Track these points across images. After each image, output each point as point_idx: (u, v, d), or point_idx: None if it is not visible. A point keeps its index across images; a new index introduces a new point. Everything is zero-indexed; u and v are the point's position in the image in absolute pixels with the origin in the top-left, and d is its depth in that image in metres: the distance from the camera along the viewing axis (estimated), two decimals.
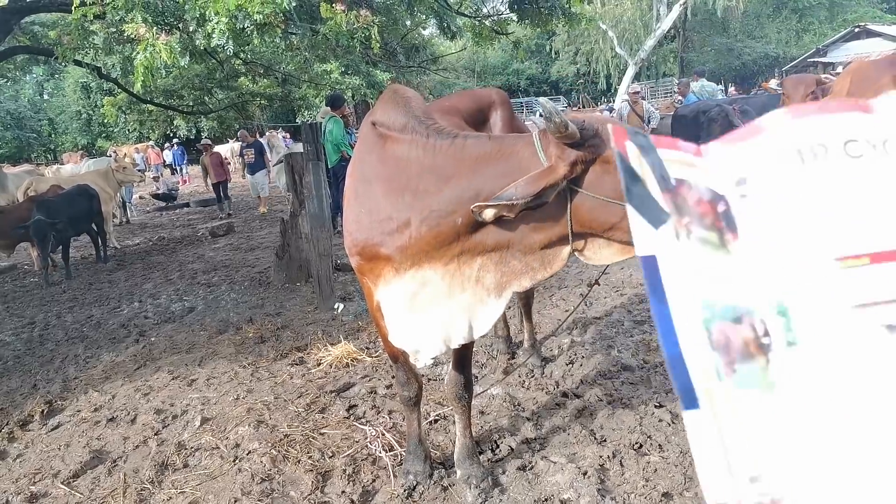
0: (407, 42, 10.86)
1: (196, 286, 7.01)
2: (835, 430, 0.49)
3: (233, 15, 4.16)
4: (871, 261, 0.50)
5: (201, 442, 3.31)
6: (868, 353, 0.48)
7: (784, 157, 0.54)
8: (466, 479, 2.69)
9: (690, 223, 0.57)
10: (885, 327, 0.49)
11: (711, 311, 0.54)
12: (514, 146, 2.01)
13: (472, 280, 2.15)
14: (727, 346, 0.53)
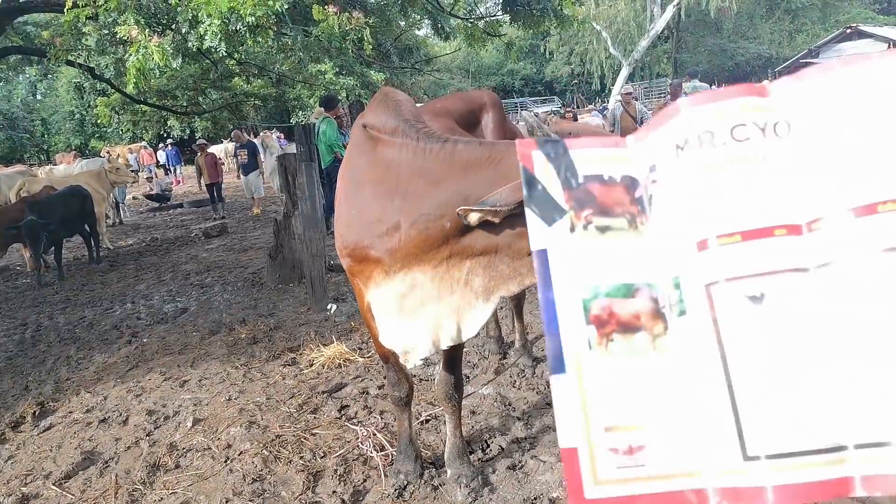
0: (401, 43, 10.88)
1: (189, 287, 7.02)
2: (706, 386, 0.55)
3: (225, 17, 4.17)
4: (743, 238, 0.56)
5: (193, 443, 3.32)
6: (734, 323, 0.54)
7: (679, 144, 0.59)
8: (457, 479, 2.71)
9: (592, 214, 0.64)
10: (749, 298, 0.54)
11: (595, 291, 0.61)
12: (504, 153, 2.02)
13: (461, 283, 2.17)
14: (606, 320, 0.61)
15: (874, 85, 0.54)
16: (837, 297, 0.52)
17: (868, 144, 0.52)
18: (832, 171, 0.54)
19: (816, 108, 0.56)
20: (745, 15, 34.62)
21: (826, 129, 0.55)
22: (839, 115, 0.54)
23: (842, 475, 0.50)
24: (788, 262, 0.53)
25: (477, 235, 2.07)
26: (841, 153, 0.53)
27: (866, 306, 0.51)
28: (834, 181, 0.53)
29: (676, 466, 0.56)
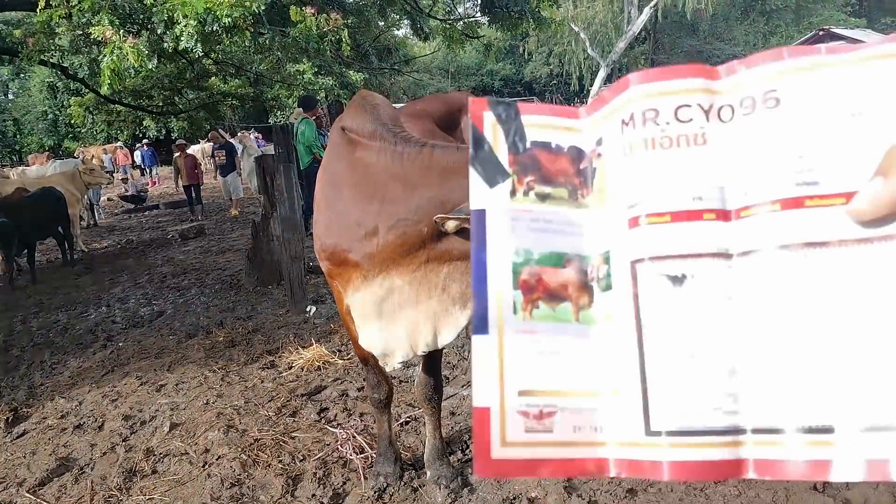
0: (379, 43, 10.86)
1: (165, 290, 6.94)
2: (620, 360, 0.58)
3: (201, 18, 4.13)
4: (672, 219, 0.58)
5: (170, 448, 3.29)
6: (653, 301, 0.57)
7: (626, 119, 0.61)
8: (436, 480, 2.72)
9: (534, 181, 0.66)
10: (670, 278, 0.56)
11: (526, 257, 0.63)
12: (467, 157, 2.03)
13: (439, 289, 2.18)
14: (533, 287, 0.62)
15: (819, 77, 0.55)
16: (753, 285, 0.55)
17: (806, 138, 0.54)
18: (768, 161, 0.56)
19: (761, 96, 0.58)
20: (720, 17, 35.10)
21: (767, 118, 0.57)
22: (781, 106, 0.56)
23: (736, 457, 0.53)
24: (713, 247, 0.56)
25: (454, 241, 2.08)
26: (778, 144, 0.55)
27: (778, 297, 0.53)
28: (768, 171, 0.55)
29: (582, 435, 0.58)
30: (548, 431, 0.59)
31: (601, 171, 0.64)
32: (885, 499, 2.44)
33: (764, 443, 0.52)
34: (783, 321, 0.54)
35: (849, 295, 0.51)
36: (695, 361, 0.55)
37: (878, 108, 0.52)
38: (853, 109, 0.53)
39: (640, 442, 0.54)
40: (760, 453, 0.53)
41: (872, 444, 0.48)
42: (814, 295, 0.52)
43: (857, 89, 0.53)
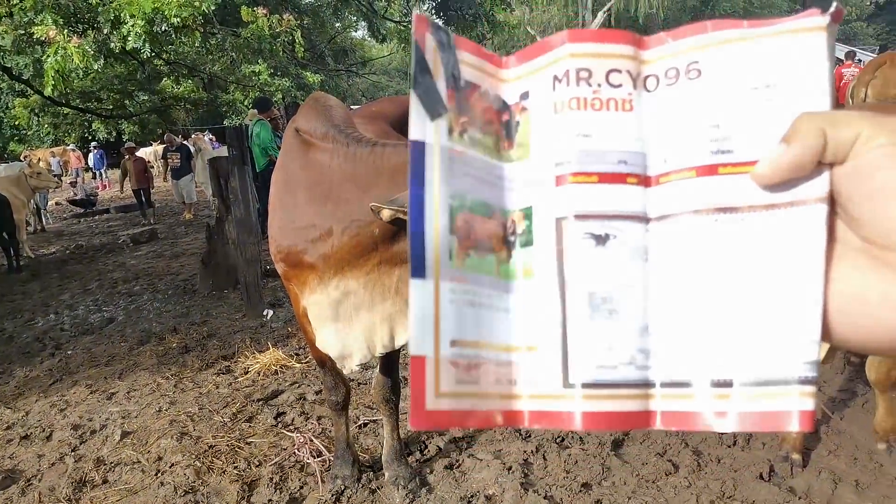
0: (336, 45, 10.78)
1: (116, 296, 6.76)
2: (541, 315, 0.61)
3: (149, 18, 4.04)
4: (599, 180, 0.61)
5: (121, 456, 3.21)
6: (576, 257, 0.60)
7: (558, 76, 0.63)
8: (394, 481, 2.72)
9: (467, 123, 0.66)
10: (593, 236, 0.60)
11: (461, 201, 0.64)
12: None
13: (392, 291, 2.20)
14: (467, 234, 0.63)
15: (738, 50, 0.59)
16: (668, 248, 0.58)
17: (723, 108, 0.58)
18: (687, 130, 0.59)
19: (684, 68, 0.61)
20: (672, 22, 35.93)
21: (688, 89, 0.60)
22: (702, 77, 0.59)
23: (646, 409, 0.57)
24: (634, 209, 0.59)
25: (404, 243, 2.11)
26: (697, 114, 0.59)
27: (689, 259, 0.57)
28: (686, 140, 0.59)
29: (501, 388, 0.61)
30: (474, 383, 0.60)
31: (525, 125, 0.66)
32: (827, 486, 2.54)
33: (672, 396, 0.55)
34: (693, 282, 0.57)
35: (753, 257, 0.55)
36: (613, 317, 0.57)
37: (789, 80, 0.56)
38: (768, 81, 0.57)
39: (555, 394, 0.57)
40: (668, 406, 0.56)
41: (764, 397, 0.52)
42: (722, 257, 0.55)
43: (772, 61, 0.56)
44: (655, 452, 2.85)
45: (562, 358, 0.60)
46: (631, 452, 2.90)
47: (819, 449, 2.80)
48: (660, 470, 2.72)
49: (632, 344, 0.56)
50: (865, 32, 42.55)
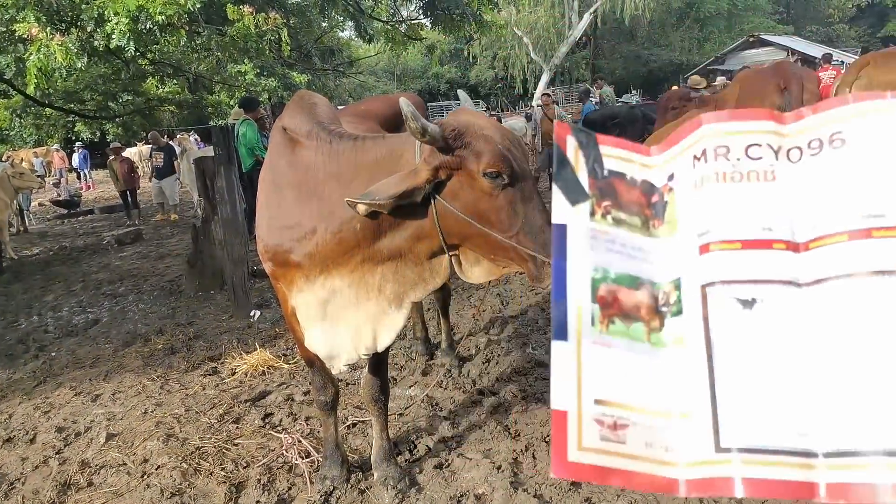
0: (323, 45, 10.74)
1: (101, 297, 6.69)
2: (690, 380, 0.60)
3: (134, 16, 3.99)
4: (743, 246, 0.61)
5: (107, 459, 3.17)
6: (724, 322, 0.59)
7: (697, 155, 0.65)
8: (384, 481, 2.71)
9: (611, 206, 0.69)
10: (740, 301, 0.59)
11: (604, 274, 0.66)
12: (402, 147, 2.05)
13: (376, 289, 2.20)
14: (610, 303, 0.65)
15: (882, 119, 0.59)
16: (824, 312, 0.57)
17: (871, 174, 0.58)
18: (836, 196, 0.59)
19: (827, 138, 0.62)
20: (657, 23, 36.14)
21: (834, 157, 0.61)
22: (847, 146, 0.60)
23: (808, 479, 0.54)
24: (782, 275, 0.59)
25: (384, 240, 2.12)
26: (845, 180, 0.59)
27: (849, 324, 0.56)
28: (836, 206, 0.59)
29: (653, 453, 0.60)
30: (621, 443, 0.60)
31: (672, 204, 0.67)
32: None
33: (839, 466, 0.53)
34: (853, 346, 0.55)
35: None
36: (765, 382, 0.56)
37: None
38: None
39: (710, 460, 0.55)
40: (835, 477, 0.54)
41: None
42: (882, 321, 0.54)
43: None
44: None
45: (712, 422, 0.59)
46: None
47: None
48: None
49: (788, 409, 0.55)
50: (847, 35, 43.01)
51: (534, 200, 1.93)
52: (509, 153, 1.89)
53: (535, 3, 30.06)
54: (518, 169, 1.90)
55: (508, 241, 1.90)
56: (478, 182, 1.89)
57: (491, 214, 1.91)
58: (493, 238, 1.92)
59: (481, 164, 1.87)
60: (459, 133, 1.90)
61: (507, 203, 1.90)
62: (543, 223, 1.90)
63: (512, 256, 1.95)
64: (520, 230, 1.89)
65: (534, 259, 1.89)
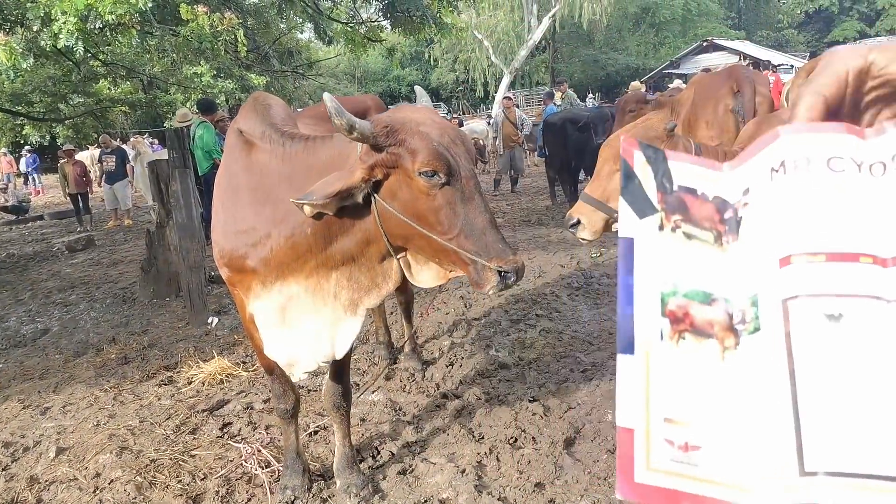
0: (281, 46, 10.59)
1: (50, 306, 6.45)
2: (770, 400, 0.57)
3: (82, 15, 3.86)
4: (827, 259, 0.59)
5: (57, 474, 3.05)
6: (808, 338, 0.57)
7: (775, 167, 0.63)
8: (346, 489, 2.66)
9: (681, 220, 0.68)
10: (827, 316, 0.57)
11: (674, 288, 0.64)
12: (349, 147, 2.00)
13: (331, 296, 2.16)
14: (681, 318, 0.62)
15: None
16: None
17: None
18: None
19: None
20: (614, 28, 36.80)
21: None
22: None
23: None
24: (870, 289, 0.56)
25: (336, 245, 2.08)
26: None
27: None
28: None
29: (729, 477, 0.57)
30: (693, 465, 0.57)
31: (747, 219, 0.66)
32: None
33: None
34: None
35: None
36: (853, 401, 0.53)
37: None
38: None
39: (793, 485, 0.52)
40: None
41: None
42: None
43: None
44: (606, 450, 2.88)
45: (796, 445, 0.56)
46: (583, 450, 2.92)
47: None
48: (611, 467, 2.74)
49: (881, 432, 0.51)
50: (796, 39, 44.51)
51: (475, 201, 1.86)
52: (447, 151, 1.83)
53: (494, 7, 30.27)
54: (457, 167, 1.84)
55: (448, 244, 1.84)
56: (414, 181, 1.83)
57: (429, 215, 1.85)
58: (433, 240, 1.86)
59: (416, 162, 1.80)
60: (392, 130, 1.84)
61: (446, 203, 1.84)
62: (485, 225, 1.84)
63: (453, 259, 1.89)
64: (460, 232, 1.83)
65: (474, 263, 1.83)
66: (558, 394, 3.45)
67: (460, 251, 1.83)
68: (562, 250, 6.77)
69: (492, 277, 1.83)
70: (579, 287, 5.42)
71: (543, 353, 4.04)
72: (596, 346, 4.12)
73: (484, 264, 1.81)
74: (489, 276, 1.83)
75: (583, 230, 2.60)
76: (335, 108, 1.78)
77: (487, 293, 1.91)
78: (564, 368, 3.79)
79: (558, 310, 4.89)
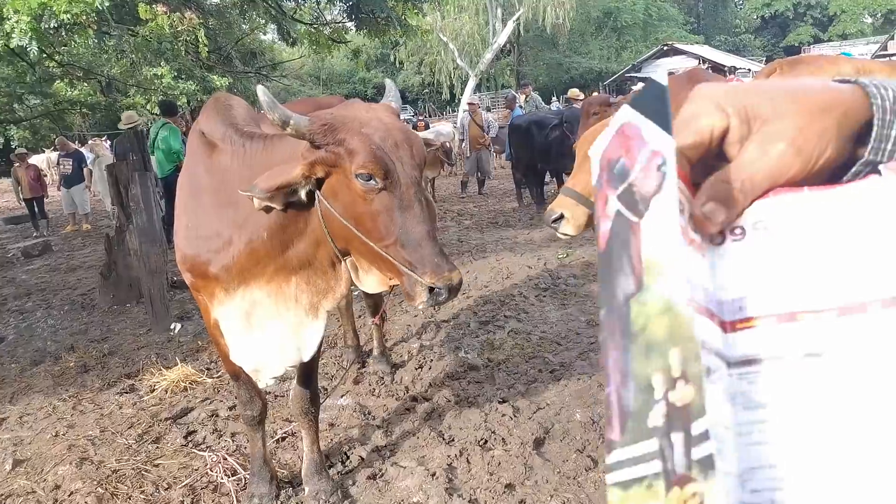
0: (244, 47, 10.44)
1: (6, 314, 6.23)
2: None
3: (36, 14, 3.73)
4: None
5: (13, 487, 2.94)
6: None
7: None
8: (315, 496, 2.63)
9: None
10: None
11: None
12: (296, 147, 1.95)
13: (293, 300, 2.14)
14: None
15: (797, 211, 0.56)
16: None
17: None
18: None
19: (750, 226, 0.58)
20: (577, 32, 37.22)
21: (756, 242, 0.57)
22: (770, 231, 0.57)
23: None
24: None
25: (292, 249, 2.06)
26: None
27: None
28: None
29: None
30: None
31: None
32: None
33: None
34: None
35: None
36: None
37: None
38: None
39: None
40: None
41: None
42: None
43: None
44: (575, 449, 2.90)
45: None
46: (552, 450, 2.93)
47: None
48: (580, 466, 2.76)
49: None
50: (753, 44, 45.71)
51: (413, 209, 1.79)
52: (387, 155, 1.76)
53: (459, 10, 30.36)
54: (397, 173, 1.77)
55: (383, 252, 1.79)
56: (352, 183, 1.78)
57: (366, 220, 1.80)
58: (370, 246, 1.81)
59: (354, 164, 1.75)
60: (332, 128, 1.78)
61: (383, 209, 1.78)
62: (423, 236, 1.77)
63: (389, 268, 1.84)
64: (396, 241, 1.77)
65: (408, 275, 1.77)
66: (527, 394, 3.46)
67: (394, 261, 1.78)
68: (529, 251, 6.81)
69: (423, 292, 1.77)
70: (546, 288, 5.45)
71: (512, 355, 4.06)
72: (564, 346, 4.15)
73: (416, 279, 1.76)
74: (420, 291, 1.77)
75: (567, 224, 2.47)
76: (268, 102, 1.74)
77: (417, 307, 1.85)
78: (533, 369, 3.80)
79: (526, 311, 4.91)
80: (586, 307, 4.88)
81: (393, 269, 1.82)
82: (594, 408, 3.24)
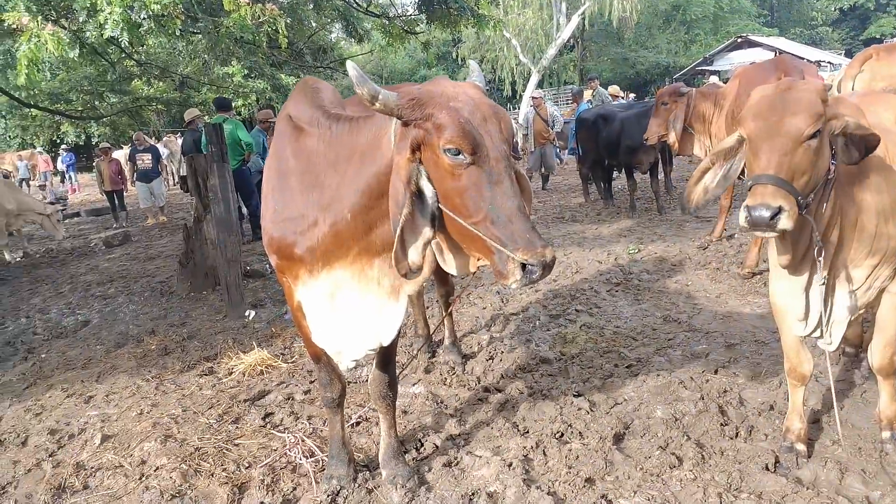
0: (314, 43, 10.63)
1: (90, 299, 6.54)
2: None
3: (128, 5, 3.88)
4: None
5: (102, 461, 3.06)
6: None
7: None
8: (392, 480, 2.62)
9: None
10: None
11: None
12: (382, 128, 1.92)
13: (375, 283, 2.13)
14: None
15: None
16: None
17: None
18: None
19: None
20: (644, 26, 36.28)
21: None
22: None
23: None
24: None
25: (376, 230, 2.03)
26: None
27: None
28: None
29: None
30: None
31: None
32: (834, 476, 2.51)
33: None
34: None
35: None
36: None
37: None
38: None
39: None
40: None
41: None
42: None
43: None
44: (658, 446, 2.80)
45: None
46: (633, 446, 2.84)
47: (822, 439, 2.77)
48: (664, 463, 2.66)
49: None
50: (830, 37, 43.54)
51: (503, 185, 1.71)
52: (475, 129, 1.70)
53: (523, 5, 30.06)
54: (486, 148, 1.71)
55: (473, 228, 1.72)
56: (440, 159, 1.72)
57: (454, 196, 1.74)
58: (459, 224, 1.75)
59: (442, 138, 1.69)
60: (420, 102, 1.72)
61: (472, 185, 1.71)
62: (513, 212, 1.69)
63: (479, 247, 1.77)
64: (485, 217, 1.70)
65: (499, 252, 1.70)
66: (604, 389, 3.38)
67: (485, 238, 1.71)
68: (598, 246, 6.67)
69: (515, 270, 1.69)
70: (618, 283, 5.32)
71: (586, 349, 3.97)
72: (640, 341, 4.03)
73: (508, 255, 1.68)
74: (512, 269, 1.69)
75: (787, 219, 2.02)
76: (357, 76, 1.71)
77: (510, 287, 1.76)
78: (609, 364, 3.71)
79: (598, 305, 4.81)
80: (661, 303, 4.73)
81: (483, 248, 1.75)
82: (675, 405, 3.13)
